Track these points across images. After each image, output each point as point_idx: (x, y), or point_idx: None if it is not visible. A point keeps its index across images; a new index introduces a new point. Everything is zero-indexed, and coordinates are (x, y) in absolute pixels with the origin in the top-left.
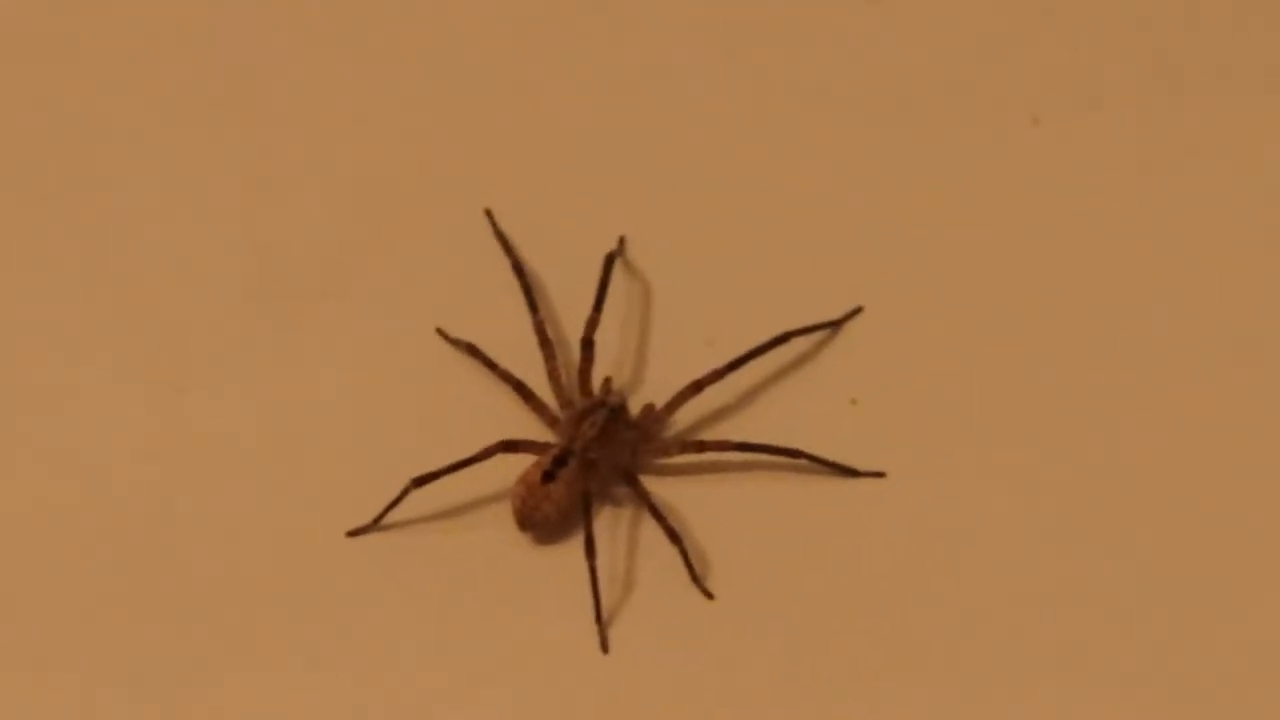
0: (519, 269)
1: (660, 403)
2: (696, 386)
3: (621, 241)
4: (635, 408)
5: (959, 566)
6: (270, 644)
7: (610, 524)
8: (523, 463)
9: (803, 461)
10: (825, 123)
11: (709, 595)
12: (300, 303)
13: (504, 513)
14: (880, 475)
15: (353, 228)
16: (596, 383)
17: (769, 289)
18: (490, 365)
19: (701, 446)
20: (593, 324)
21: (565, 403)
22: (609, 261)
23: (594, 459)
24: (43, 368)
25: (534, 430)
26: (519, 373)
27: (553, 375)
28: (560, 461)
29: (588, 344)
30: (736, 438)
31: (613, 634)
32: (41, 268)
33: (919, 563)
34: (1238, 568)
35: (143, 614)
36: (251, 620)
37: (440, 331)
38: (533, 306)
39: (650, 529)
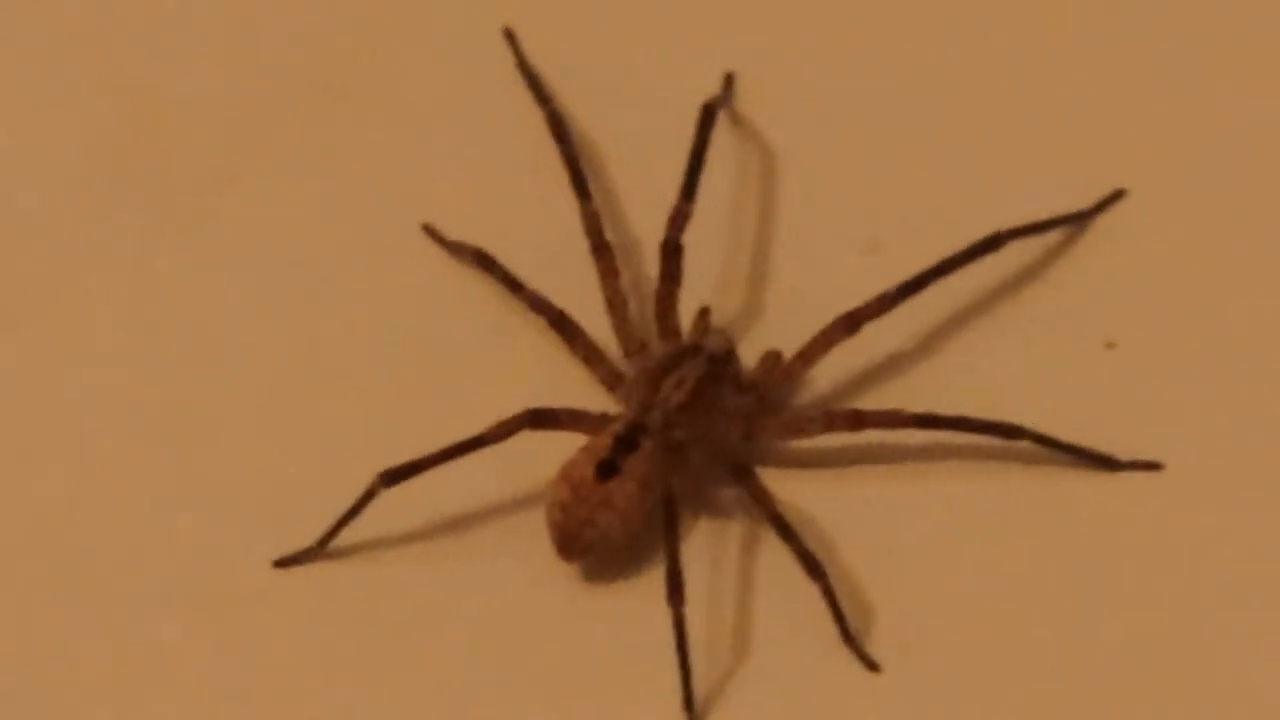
0: (558, 126)
1: (790, 350)
2: (851, 322)
3: (728, 83)
4: (750, 357)
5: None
6: None
7: (707, 546)
8: (564, 446)
9: (1027, 445)
10: None
11: (871, 665)
12: (196, 189)
13: (535, 528)
14: (1155, 467)
15: (278, 67)
16: (686, 316)
17: (964, 167)
18: (511, 284)
19: (859, 420)
20: (680, 218)
21: (634, 347)
22: (707, 116)
23: (682, 440)
24: None
25: (581, 393)
26: (558, 297)
27: (613, 302)
28: (627, 444)
29: (672, 250)
30: (915, 407)
31: None
32: None
33: (1211, 601)
34: None
35: None
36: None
37: (429, 230)
38: (581, 189)
39: (772, 555)
